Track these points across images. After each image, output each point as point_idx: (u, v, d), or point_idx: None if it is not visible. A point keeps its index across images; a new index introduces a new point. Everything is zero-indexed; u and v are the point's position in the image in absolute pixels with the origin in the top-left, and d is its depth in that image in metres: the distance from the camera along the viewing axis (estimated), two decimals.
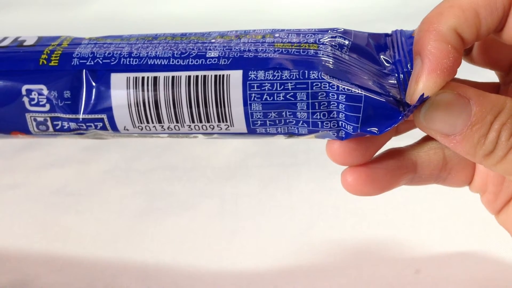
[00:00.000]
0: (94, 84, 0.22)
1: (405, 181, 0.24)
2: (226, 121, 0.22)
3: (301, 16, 0.74)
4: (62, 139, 0.24)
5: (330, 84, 0.21)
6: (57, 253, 0.35)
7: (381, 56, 0.23)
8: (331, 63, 0.21)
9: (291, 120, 0.22)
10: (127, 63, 0.22)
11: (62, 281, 0.32)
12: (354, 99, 0.21)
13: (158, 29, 0.27)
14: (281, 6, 0.76)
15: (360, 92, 0.21)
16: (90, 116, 0.22)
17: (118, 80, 0.22)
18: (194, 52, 0.22)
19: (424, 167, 0.24)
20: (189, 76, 0.21)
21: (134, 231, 0.36)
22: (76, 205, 0.39)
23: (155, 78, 0.22)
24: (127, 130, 0.22)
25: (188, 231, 0.36)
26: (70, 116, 0.22)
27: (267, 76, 0.21)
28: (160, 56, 0.22)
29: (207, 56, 0.22)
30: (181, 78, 0.21)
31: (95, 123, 0.22)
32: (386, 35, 0.25)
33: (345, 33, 0.23)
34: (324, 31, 0.23)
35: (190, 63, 0.22)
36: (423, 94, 0.20)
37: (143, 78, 0.22)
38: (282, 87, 0.21)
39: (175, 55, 0.22)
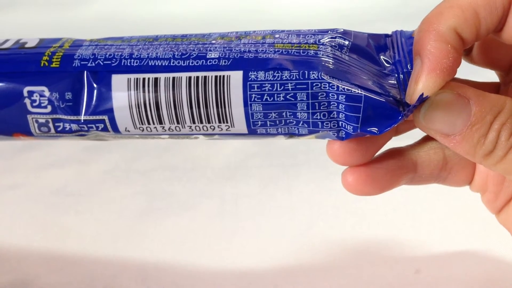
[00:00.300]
0: (95, 85, 0.22)
1: (405, 181, 0.24)
2: (227, 122, 0.22)
3: (301, 16, 0.74)
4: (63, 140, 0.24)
5: (330, 84, 0.21)
6: (57, 253, 0.35)
7: (381, 57, 0.23)
8: (331, 63, 0.21)
9: (291, 120, 0.22)
10: (128, 64, 0.22)
11: (62, 281, 0.32)
12: (354, 99, 0.21)
13: (158, 29, 0.27)
14: (281, 6, 0.76)
15: (360, 92, 0.21)
16: (91, 118, 0.22)
17: (119, 81, 0.22)
18: (195, 53, 0.22)
19: (424, 167, 0.24)
20: (190, 77, 0.21)
21: (134, 231, 0.36)
22: (76, 205, 0.39)
23: (156, 79, 0.22)
24: (128, 131, 0.22)
25: (188, 231, 0.36)
26: (72, 117, 0.22)
27: (267, 76, 0.21)
28: (160, 57, 0.22)
29: (207, 57, 0.22)
30: (182, 79, 0.21)
31: (97, 125, 0.22)
32: (386, 35, 0.25)
33: (345, 34, 0.23)
34: (324, 32, 0.23)
35: (190, 64, 0.22)
36: (422, 94, 0.20)
37: (144, 79, 0.22)
38: (282, 87, 0.21)
39: (176, 56, 0.22)
